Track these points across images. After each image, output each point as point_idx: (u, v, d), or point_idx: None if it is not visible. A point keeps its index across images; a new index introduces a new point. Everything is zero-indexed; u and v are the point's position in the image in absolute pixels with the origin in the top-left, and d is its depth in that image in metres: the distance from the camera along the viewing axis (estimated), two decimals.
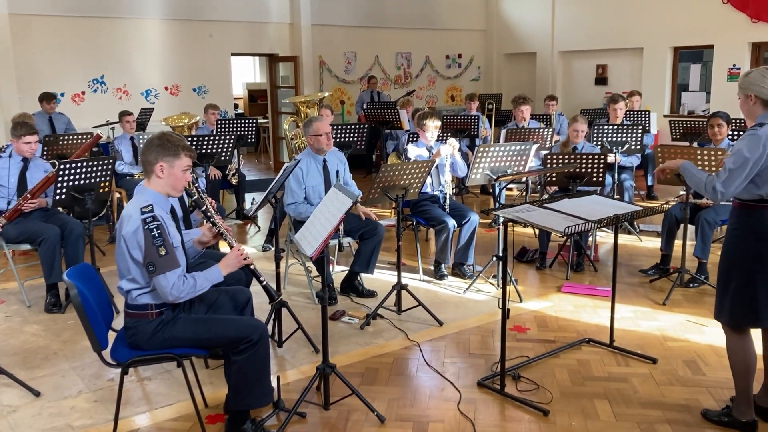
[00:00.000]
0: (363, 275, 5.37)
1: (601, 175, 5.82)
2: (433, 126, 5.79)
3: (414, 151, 5.85)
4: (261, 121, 12.89)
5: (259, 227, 7.86)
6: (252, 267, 3.37)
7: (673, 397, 3.65)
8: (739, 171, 3.05)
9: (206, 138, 6.92)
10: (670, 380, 3.84)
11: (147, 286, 3.11)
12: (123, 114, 8.02)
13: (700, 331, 4.55)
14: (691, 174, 3.31)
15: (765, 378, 3.39)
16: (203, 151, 6.86)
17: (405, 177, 4.85)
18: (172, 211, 3.27)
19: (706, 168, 5.03)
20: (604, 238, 6.96)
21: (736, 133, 6.93)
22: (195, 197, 3.57)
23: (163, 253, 2.99)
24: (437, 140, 5.95)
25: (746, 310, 3.18)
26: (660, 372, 3.95)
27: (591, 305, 5.11)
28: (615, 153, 6.73)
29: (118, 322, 3.33)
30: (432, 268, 5.92)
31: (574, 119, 6.47)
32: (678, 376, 3.90)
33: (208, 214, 3.43)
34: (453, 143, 5.74)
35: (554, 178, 6.01)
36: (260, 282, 3.41)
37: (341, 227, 4.82)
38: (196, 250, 3.59)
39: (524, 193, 8.48)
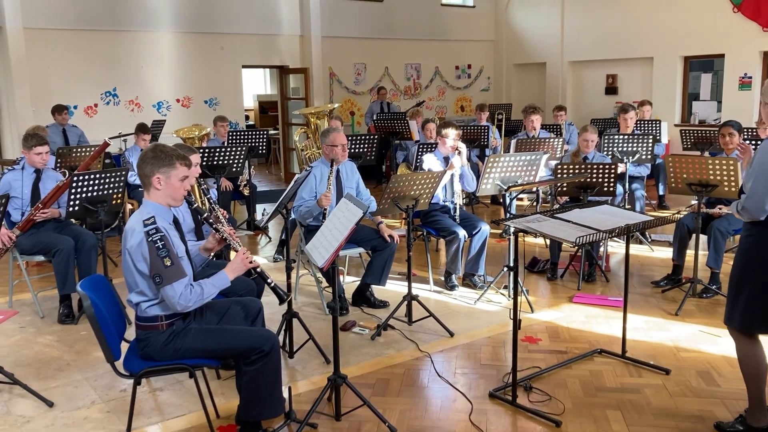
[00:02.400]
0: (374, 286, 5.37)
1: (612, 184, 5.80)
2: (453, 135, 5.78)
3: (430, 161, 5.84)
4: (271, 132, 12.96)
5: (270, 238, 7.88)
6: (258, 269, 3.38)
7: (687, 409, 3.62)
8: (758, 187, 3.05)
9: (218, 149, 6.96)
10: (683, 391, 3.81)
11: (155, 297, 3.13)
12: (140, 130, 7.91)
13: (714, 341, 4.51)
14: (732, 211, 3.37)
15: None
16: (215, 162, 6.90)
17: (415, 187, 4.86)
18: (176, 222, 3.29)
19: (717, 178, 5.01)
20: (615, 248, 6.93)
21: (747, 142, 6.90)
22: (195, 205, 3.58)
23: (169, 263, 3.01)
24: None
25: (759, 316, 3.18)
26: (673, 383, 3.93)
27: (603, 316, 5.09)
28: (626, 163, 6.71)
29: (130, 333, 3.35)
30: (442, 278, 5.91)
31: (584, 129, 6.47)
32: (691, 387, 3.87)
33: (210, 220, 3.45)
34: (461, 147, 5.72)
35: (565, 188, 6.00)
36: (268, 283, 3.41)
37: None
38: (203, 258, 3.61)
39: (535, 204, 8.47)
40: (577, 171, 5.83)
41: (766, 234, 3.15)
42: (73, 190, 4.90)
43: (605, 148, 6.86)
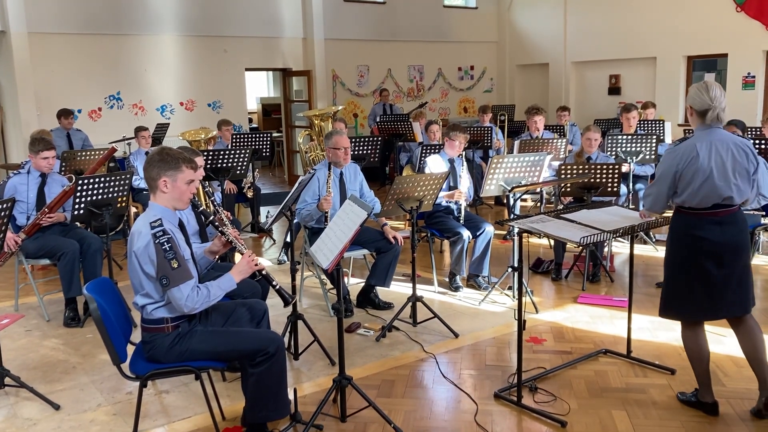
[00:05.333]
0: (378, 288, 5.38)
1: (615, 184, 5.80)
2: (462, 138, 5.80)
3: (434, 162, 5.83)
4: (275, 135, 12.99)
5: (274, 240, 7.90)
6: (264, 272, 3.39)
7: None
8: (657, 185, 3.46)
9: (222, 152, 6.98)
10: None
11: (161, 300, 3.14)
12: (138, 129, 8.14)
13: (719, 341, 4.50)
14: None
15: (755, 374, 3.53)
16: (219, 165, 6.92)
17: (419, 189, 4.87)
18: (181, 225, 3.30)
19: None
20: (620, 248, 6.92)
21: (751, 141, 6.88)
22: (201, 208, 3.59)
23: (176, 265, 3.02)
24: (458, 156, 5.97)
25: (671, 304, 3.53)
26: (678, 382, 3.93)
27: (607, 316, 5.08)
28: (630, 163, 6.70)
29: (136, 336, 3.37)
30: (447, 279, 5.92)
31: (587, 128, 6.46)
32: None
33: (216, 223, 3.46)
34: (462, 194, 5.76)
35: (569, 189, 6.00)
36: (273, 286, 3.42)
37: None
38: (208, 260, 3.62)
39: (539, 204, 8.47)
40: (580, 171, 5.83)
41: (676, 230, 3.47)
42: (78, 194, 4.92)
43: (609, 149, 6.86)
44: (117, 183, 5.14)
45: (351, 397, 3.66)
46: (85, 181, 4.95)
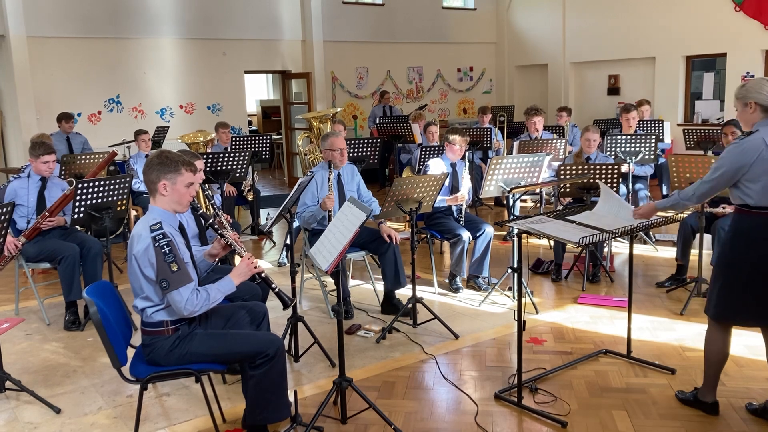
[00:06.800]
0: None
1: (615, 185, 5.80)
2: (461, 140, 5.80)
3: (436, 165, 5.83)
4: (275, 137, 12.99)
5: (274, 242, 7.90)
6: (263, 275, 3.39)
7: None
8: (712, 178, 3.34)
9: (221, 155, 6.98)
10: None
11: (161, 303, 3.14)
12: (138, 133, 8.18)
13: None
14: (667, 205, 3.66)
15: None
16: (218, 168, 6.92)
17: (418, 190, 4.87)
18: (181, 228, 3.31)
19: None
20: (619, 248, 6.92)
21: None
22: (201, 211, 3.60)
23: (175, 269, 3.02)
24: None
25: (730, 308, 3.38)
26: (679, 382, 3.93)
27: (607, 316, 5.08)
28: (629, 163, 6.70)
29: (136, 339, 3.37)
30: (447, 281, 5.92)
31: (586, 129, 6.46)
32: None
33: (216, 226, 3.46)
34: (463, 191, 5.78)
35: (568, 189, 6.00)
36: (272, 289, 3.42)
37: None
38: (208, 264, 3.62)
39: (538, 205, 8.47)
40: (579, 172, 5.83)
41: (741, 231, 3.33)
42: (78, 197, 4.92)
43: (608, 149, 6.86)
44: (117, 186, 5.14)
45: (351, 399, 3.66)
46: (85, 184, 4.96)
